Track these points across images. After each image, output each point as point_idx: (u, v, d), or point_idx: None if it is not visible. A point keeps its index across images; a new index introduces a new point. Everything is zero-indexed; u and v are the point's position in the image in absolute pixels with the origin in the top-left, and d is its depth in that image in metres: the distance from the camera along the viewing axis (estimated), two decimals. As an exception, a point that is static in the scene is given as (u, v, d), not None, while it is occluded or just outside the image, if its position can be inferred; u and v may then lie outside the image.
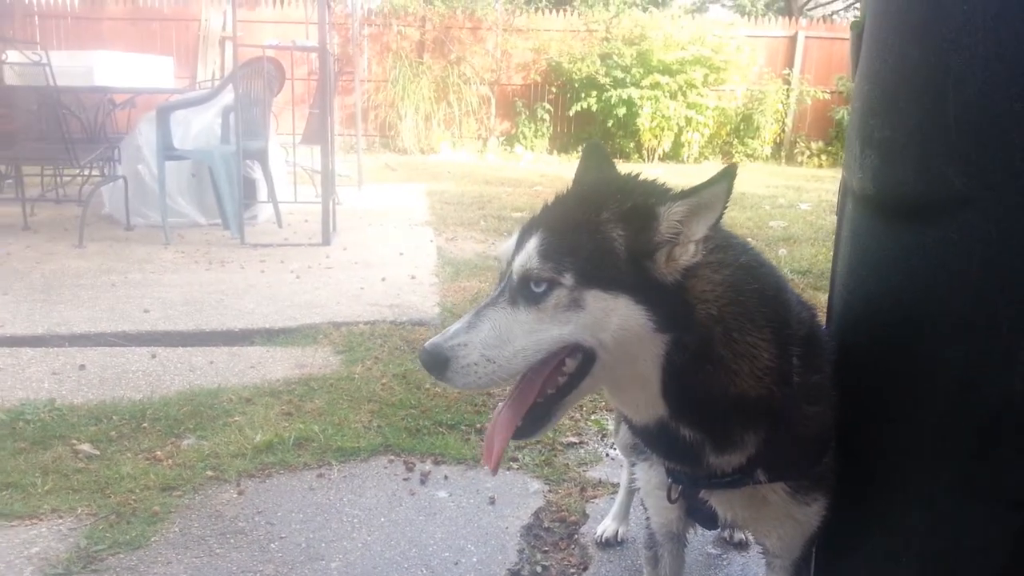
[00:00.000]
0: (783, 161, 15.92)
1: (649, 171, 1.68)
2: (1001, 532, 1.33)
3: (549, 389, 1.50)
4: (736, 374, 1.43)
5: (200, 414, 3.63)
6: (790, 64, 16.20)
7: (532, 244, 1.43)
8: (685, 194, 1.40)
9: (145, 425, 3.50)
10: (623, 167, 1.64)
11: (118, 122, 9.16)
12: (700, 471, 1.56)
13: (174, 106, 7.57)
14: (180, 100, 8.04)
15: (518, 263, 1.44)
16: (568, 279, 1.39)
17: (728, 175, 1.36)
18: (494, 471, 1.52)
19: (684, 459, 1.55)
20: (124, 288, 5.64)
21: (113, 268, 6.18)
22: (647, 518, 1.90)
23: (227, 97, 7.61)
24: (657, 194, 1.47)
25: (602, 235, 1.42)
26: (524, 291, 1.42)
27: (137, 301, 5.31)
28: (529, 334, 1.41)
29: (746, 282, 1.49)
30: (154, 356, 4.36)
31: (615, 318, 1.38)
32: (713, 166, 15.11)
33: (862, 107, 1.54)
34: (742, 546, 2.82)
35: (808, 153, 15.86)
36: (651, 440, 1.59)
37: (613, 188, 1.52)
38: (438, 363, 1.42)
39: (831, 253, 1.94)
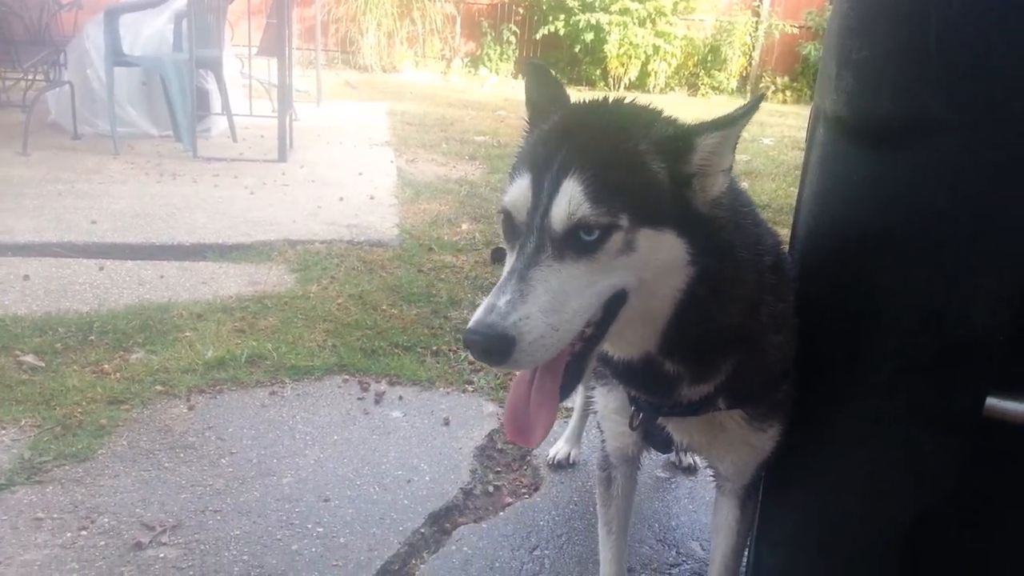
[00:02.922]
0: (748, 95, 15.81)
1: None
2: (948, 458, 1.35)
3: (576, 344, 1.34)
4: (732, 302, 1.41)
5: (149, 328, 3.55)
6: (760, -4, 15.99)
7: (574, 187, 1.25)
8: (718, 124, 1.31)
9: (92, 338, 3.42)
10: (589, 94, 1.55)
11: (64, 24, 8.68)
12: (668, 401, 1.54)
13: (123, 8, 7.20)
14: (129, 2, 7.63)
15: (562, 211, 1.25)
16: (624, 220, 1.25)
17: (754, 105, 1.31)
18: (535, 446, 1.37)
19: (659, 391, 1.53)
20: (71, 198, 5.44)
21: (59, 177, 5.95)
22: (602, 441, 1.91)
23: (179, 1, 7.26)
24: (678, 124, 1.39)
25: (647, 168, 1.31)
26: (573, 242, 1.25)
27: (84, 212, 5.14)
28: (584, 289, 1.26)
29: (740, 205, 1.47)
30: (102, 268, 4.24)
31: (662, 254, 1.30)
32: (679, 97, 15.00)
33: (840, 26, 1.49)
34: (690, 470, 2.88)
35: (774, 88, 15.76)
36: (629, 374, 1.55)
37: (632, 117, 1.40)
38: (503, 346, 1.20)
39: (792, 188, 1.92)
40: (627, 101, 1.46)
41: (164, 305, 3.82)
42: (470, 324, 1.22)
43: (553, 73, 1.56)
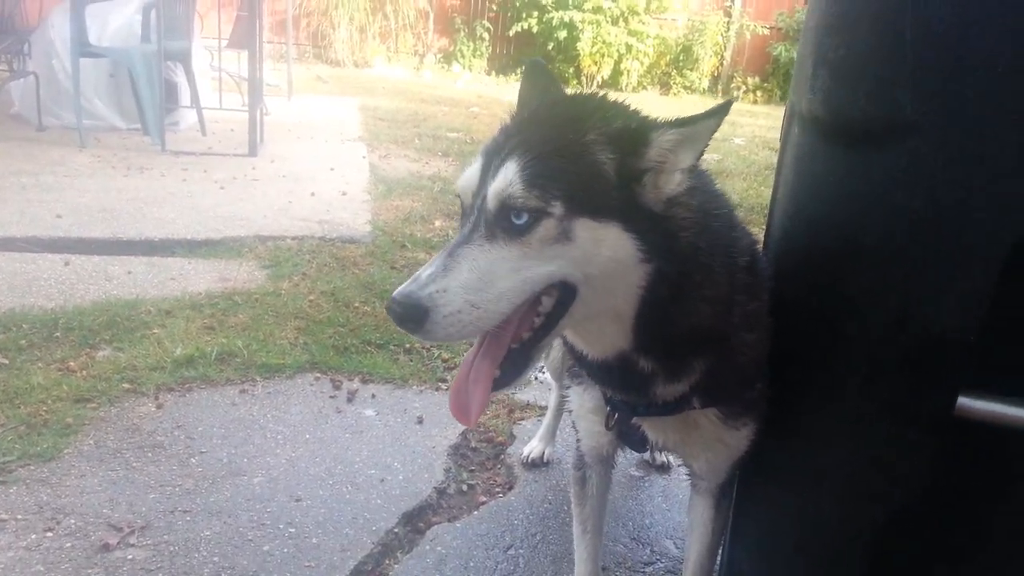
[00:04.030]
0: (720, 95, 15.93)
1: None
2: (921, 456, 1.36)
3: (524, 332, 1.37)
4: (703, 301, 1.40)
5: (116, 325, 3.49)
6: (732, -4, 16.11)
7: (511, 169, 1.27)
8: (680, 122, 1.31)
9: (58, 335, 3.35)
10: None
11: (28, 13, 8.51)
12: (644, 400, 1.54)
13: (90, -2, 7.06)
14: (97, -8, 7.49)
15: (496, 190, 1.27)
16: (557, 208, 1.25)
17: (722, 110, 1.30)
18: (473, 425, 1.40)
19: (634, 390, 1.52)
20: (35, 192, 5.32)
21: (23, 170, 5.82)
22: (577, 440, 1.90)
23: (148, -8, 7.14)
24: (640, 118, 1.38)
25: (591, 158, 1.30)
26: (504, 223, 1.27)
27: (49, 206, 5.03)
28: (514, 273, 1.27)
29: (714, 207, 1.46)
30: (67, 264, 4.15)
31: (605, 249, 1.29)
32: (651, 96, 15.06)
33: (817, 24, 1.50)
34: (664, 469, 2.89)
35: (744, 88, 15.91)
36: (603, 373, 1.54)
37: (591, 108, 1.39)
38: (415, 315, 1.23)
39: (763, 188, 1.92)
40: (600, 96, 1.45)
41: (132, 301, 3.76)
42: (394, 292, 1.26)
43: (551, 72, 1.56)
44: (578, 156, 1.30)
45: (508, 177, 1.27)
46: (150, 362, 3.21)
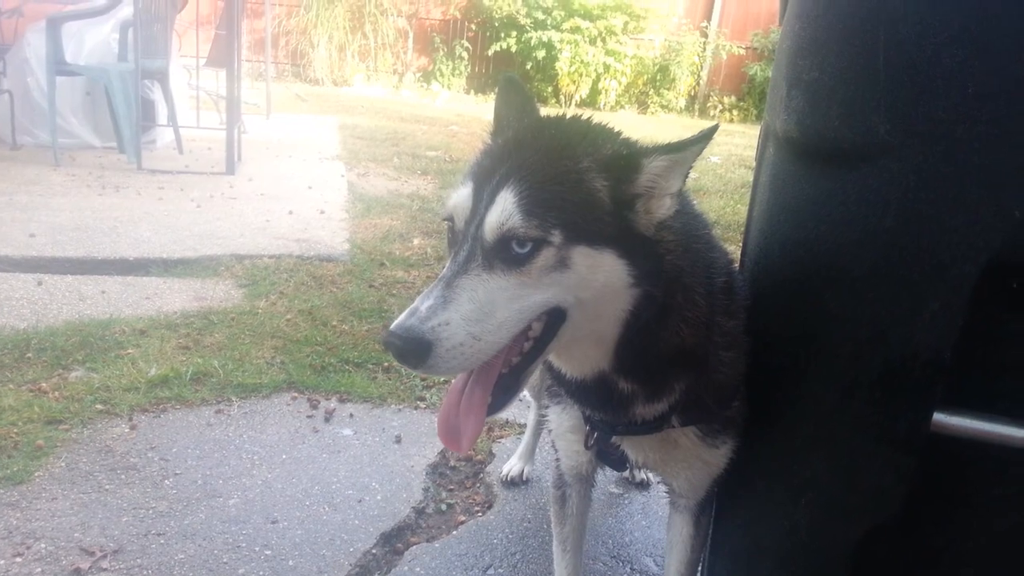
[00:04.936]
0: (696, 114, 16.11)
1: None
2: (895, 475, 1.37)
3: (513, 358, 1.36)
4: (684, 323, 1.41)
5: (90, 345, 3.44)
6: (708, 17, 16.28)
7: (508, 198, 1.26)
8: (669, 148, 1.32)
9: (29, 355, 3.30)
10: (545, 111, 1.56)
11: (4, 31, 8.44)
12: (623, 420, 1.54)
13: (66, 17, 7.01)
14: (73, 11, 7.43)
15: (494, 221, 1.25)
16: (556, 236, 1.24)
17: (708, 134, 1.31)
18: (466, 452, 1.38)
19: (613, 410, 1.52)
20: (8, 210, 5.26)
21: (-5, 188, 5.75)
22: (557, 459, 1.90)
23: (125, 10, 7.10)
24: (629, 144, 1.39)
25: (586, 186, 1.30)
26: (503, 253, 1.25)
27: (22, 224, 4.97)
28: (511, 302, 1.25)
29: (694, 229, 1.47)
30: (40, 283, 4.10)
31: (600, 275, 1.29)
32: (629, 115, 15.17)
33: (791, 47, 1.52)
34: (643, 486, 2.89)
35: (721, 107, 16.08)
36: (583, 393, 1.54)
37: (579, 133, 1.39)
38: (418, 349, 1.20)
39: (739, 206, 1.94)
40: (584, 118, 1.45)
41: (105, 321, 3.71)
42: (391, 326, 1.22)
43: (525, 88, 1.56)
44: (574, 184, 1.30)
45: (506, 207, 1.25)
46: (124, 383, 3.17)
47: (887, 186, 1.29)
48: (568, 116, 1.46)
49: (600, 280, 1.29)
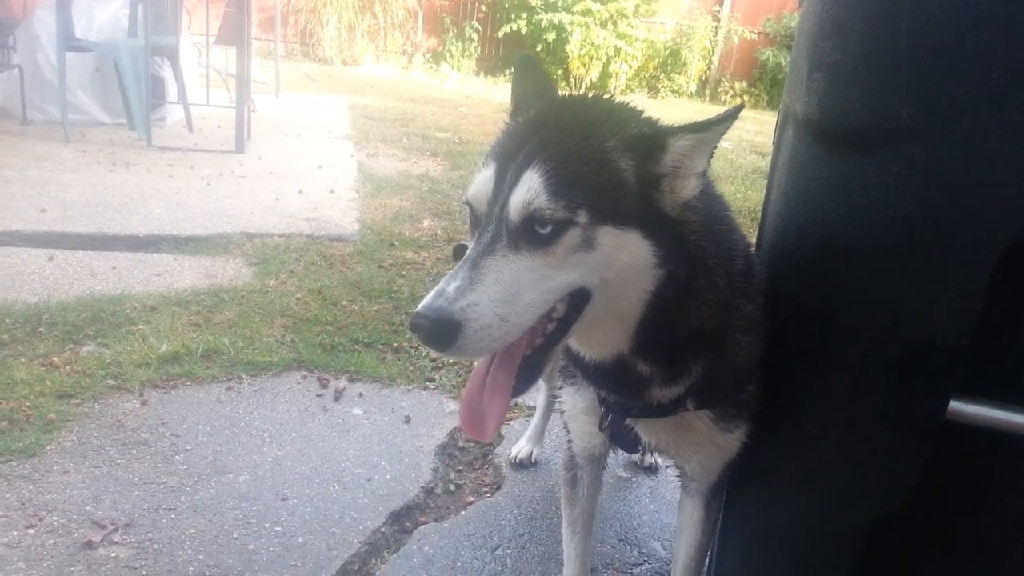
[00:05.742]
0: (707, 99, 16.02)
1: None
2: (909, 462, 1.36)
3: (536, 339, 1.34)
4: (704, 305, 1.40)
5: (101, 321, 3.45)
6: (720, 1, 16.15)
7: (534, 178, 1.24)
8: (695, 127, 1.30)
9: (41, 330, 3.31)
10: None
11: (13, 6, 8.43)
12: (639, 402, 1.53)
13: (76, -8, 7.00)
14: (83, -14, 7.43)
15: (519, 201, 1.24)
16: (582, 216, 1.23)
17: (733, 114, 1.30)
18: (490, 439, 1.36)
19: (630, 392, 1.52)
20: (19, 185, 5.27)
21: (7, 164, 5.76)
22: (569, 440, 1.90)
23: (135, -14, 7.08)
24: (653, 123, 1.38)
25: (612, 165, 1.29)
26: (528, 234, 1.24)
27: (33, 200, 4.98)
28: (538, 282, 1.24)
29: (716, 210, 1.47)
30: (51, 258, 4.11)
31: (625, 255, 1.28)
32: (639, 99, 15.08)
33: (812, 28, 1.50)
34: (652, 470, 2.89)
35: (732, 92, 15.99)
36: (600, 375, 1.53)
37: (604, 112, 1.37)
38: (447, 331, 1.18)
39: (750, 192, 1.93)
40: (606, 97, 1.44)
41: (116, 297, 3.72)
42: (418, 307, 1.21)
43: (542, 67, 1.54)
44: (600, 163, 1.28)
45: (532, 186, 1.24)
46: (135, 358, 3.18)
47: (908, 170, 1.28)
48: (591, 95, 1.45)
49: (625, 260, 1.28)
